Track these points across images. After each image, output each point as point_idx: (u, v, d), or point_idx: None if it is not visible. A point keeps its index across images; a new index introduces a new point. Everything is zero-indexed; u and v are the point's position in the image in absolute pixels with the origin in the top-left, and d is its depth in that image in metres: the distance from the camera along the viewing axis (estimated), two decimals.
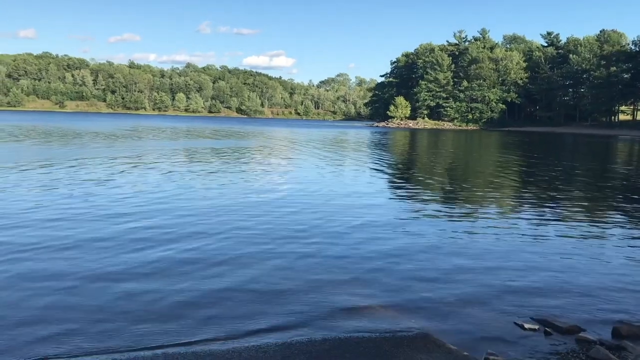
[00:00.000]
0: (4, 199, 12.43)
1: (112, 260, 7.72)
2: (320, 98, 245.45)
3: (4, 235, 8.95)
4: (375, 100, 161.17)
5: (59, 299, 6.17)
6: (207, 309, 6.04)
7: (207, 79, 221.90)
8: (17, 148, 28.51)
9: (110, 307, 5.98)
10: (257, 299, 6.37)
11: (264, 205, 12.60)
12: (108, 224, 9.99)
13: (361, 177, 19.88)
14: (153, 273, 7.23)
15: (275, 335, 5.40)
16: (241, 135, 54.58)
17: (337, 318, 5.88)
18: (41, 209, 11.27)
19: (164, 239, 9.03)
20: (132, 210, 11.44)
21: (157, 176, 17.53)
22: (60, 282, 6.73)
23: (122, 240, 8.81)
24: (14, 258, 7.66)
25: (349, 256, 8.36)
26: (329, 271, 7.57)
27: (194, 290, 6.62)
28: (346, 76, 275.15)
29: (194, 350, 5.03)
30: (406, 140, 57.10)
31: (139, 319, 5.69)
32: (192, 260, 7.87)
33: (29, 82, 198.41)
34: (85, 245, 8.46)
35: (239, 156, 27.36)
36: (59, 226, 9.70)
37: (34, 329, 5.38)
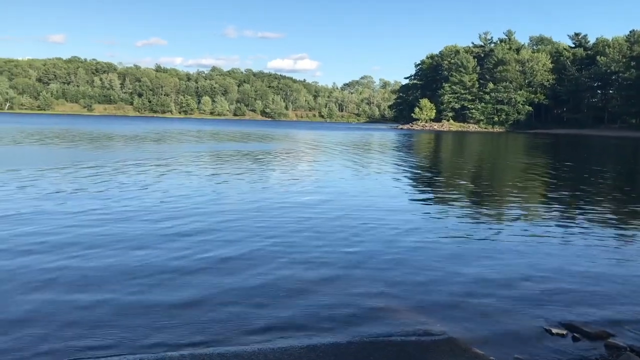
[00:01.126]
0: (45, 199, 12.73)
1: (145, 260, 7.86)
2: (344, 100, 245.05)
3: (64, 236, 9.18)
4: (400, 102, 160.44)
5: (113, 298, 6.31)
6: (232, 308, 6.10)
7: (232, 82, 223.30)
8: (57, 151, 29.09)
9: (141, 306, 6.08)
10: (283, 300, 6.41)
11: (290, 207, 12.63)
12: (145, 225, 10.19)
13: (386, 179, 19.83)
14: (184, 273, 7.34)
15: (300, 338, 5.41)
16: (267, 138, 54.83)
17: (363, 321, 5.88)
18: (101, 210, 11.54)
19: (199, 239, 9.16)
20: (170, 213, 11.60)
21: (194, 180, 17.72)
22: (106, 280, 6.90)
23: (157, 239, 8.99)
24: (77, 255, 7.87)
25: (374, 258, 8.37)
26: (354, 273, 7.58)
27: (218, 290, 6.69)
28: (370, 78, 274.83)
29: (220, 351, 5.07)
30: (431, 143, 56.74)
31: (165, 319, 5.77)
32: (222, 261, 7.95)
33: (59, 86, 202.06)
34: (132, 245, 8.63)
35: (267, 159, 27.48)
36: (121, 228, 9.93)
37: (71, 327, 5.51)
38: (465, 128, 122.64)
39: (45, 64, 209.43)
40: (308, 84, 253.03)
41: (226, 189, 15.48)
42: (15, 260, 7.75)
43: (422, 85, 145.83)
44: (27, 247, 8.41)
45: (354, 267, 7.87)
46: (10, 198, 12.89)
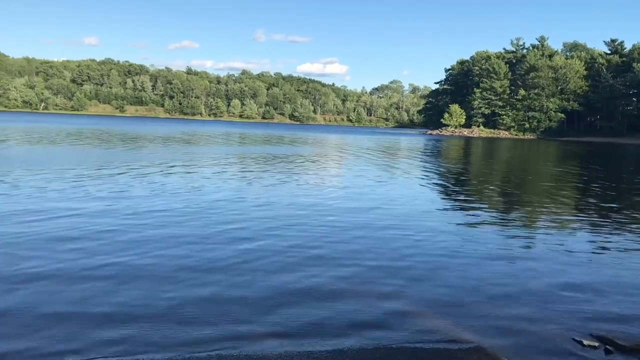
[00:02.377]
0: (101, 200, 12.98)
1: (182, 260, 7.95)
2: (373, 105, 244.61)
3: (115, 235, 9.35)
4: (429, 107, 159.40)
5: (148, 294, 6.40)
6: (261, 309, 6.13)
7: (261, 86, 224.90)
8: (98, 151, 29.66)
9: (174, 306, 6.15)
10: (310, 304, 6.41)
11: (315, 209, 12.65)
12: (187, 225, 10.31)
13: (415, 184, 19.72)
14: (212, 271, 7.42)
15: (327, 341, 5.40)
16: (296, 141, 55.01)
17: (390, 326, 5.84)
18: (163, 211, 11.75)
19: (234, 239, 9.27)
20: (221, 217, 11.68)
21: (237, 183, 17.84)
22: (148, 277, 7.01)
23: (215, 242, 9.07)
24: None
25: (403, 263, 8.32)
26: (382, 278, 7.54)
27: (244, 291, 6.72)
28: (399, 83, 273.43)
29: (247, 352, 5.09)
30: (461, 149, 56.20)
31: (194, 320, 5.81)
32: (251, 263, 7.99)
33: (92, 87, 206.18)
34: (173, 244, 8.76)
35: (300, 163, 27.53)
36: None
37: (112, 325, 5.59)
38: (495, 134, 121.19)
39: (79, 65, 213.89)
40: (337, 88, 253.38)
41: (268, 194, 15.40)
42: (93, 258, 7.97)
43: (452, 90, 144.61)
44: (102, 247, 8.60)
45: (382, 272, 7.82)
46: (72, 198, 13.07)
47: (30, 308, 5.93)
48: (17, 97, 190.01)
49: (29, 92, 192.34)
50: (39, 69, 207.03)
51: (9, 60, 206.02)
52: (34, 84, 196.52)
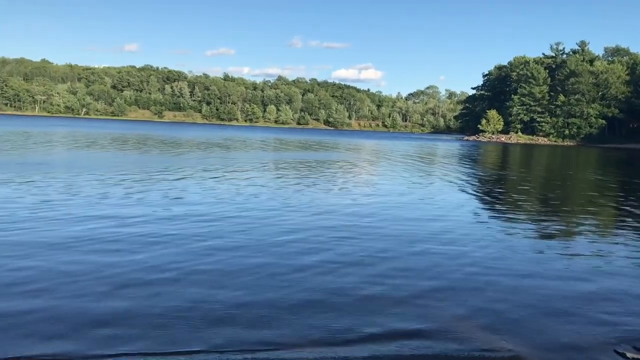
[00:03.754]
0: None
1: (229, 261, 8.07)
2: (409, 111, 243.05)
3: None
4: (466, 113, 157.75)
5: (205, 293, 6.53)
6: (295, 314, 6.16)
7: (296, 92, 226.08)
8: (143, 156, 30.33)
9: (215, 306, 6.25)
10: (346, 309, 6.40)
11: (355, 216, 12.67)
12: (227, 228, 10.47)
13: (450, 191, 19.55)
14: (259, 276, 7.51)
15: (362, 347, 5.38)
16: (332, 147, 55.12)
17: (425, 334, 5.80)
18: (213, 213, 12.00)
19: (294, 246, 9.37)
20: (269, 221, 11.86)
21: (275, 187, 18.09)
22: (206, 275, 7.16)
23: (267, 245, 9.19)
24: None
25: (437, 270, 8.27)
26: (417, 285, 7.50)
27: (283, 295, 6.77)
28: (436, 88, 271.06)
29: (283, 356, 5.12)
30: (499, 155, 55.44)
31: (234, 321, 5.89)
32: (290, 267, 8.06)
33: (132, 93, 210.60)
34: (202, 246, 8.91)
35: (333, 169, 27.63)
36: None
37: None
38: (534, 141, 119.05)
39: (119, 71, 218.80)
40: (372, 94, 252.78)
41: (318, 201, 15.41)
42: (136, 255, 8.24)
43: (490, 96, 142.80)
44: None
45: (417, 280, 7.78)
46: (126, 204, 13.31)
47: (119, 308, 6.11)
48: (60, 102, 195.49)
49: (71, 98, 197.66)
50: (81, 75, 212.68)
51: (52, 67, 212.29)
52: (76, 89, 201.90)
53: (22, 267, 7.51)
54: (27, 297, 6.36)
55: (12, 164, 21.82)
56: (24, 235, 9.32)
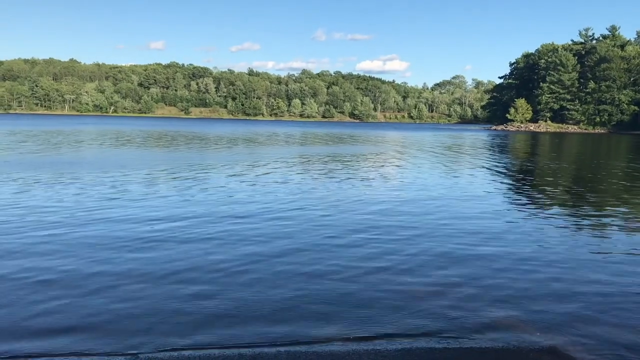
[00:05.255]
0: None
1: (247, 258, 8.08)
2: (435, 101, 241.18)
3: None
4: (493, 102, 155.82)
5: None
6: (328, 307, 6.17)
7: (321, 85, 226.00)
8: (178, 153, 30.73)
9: (244, 301, 6.28)
10: (378, 302, 6.39)
11: (379, 208, 12.62)
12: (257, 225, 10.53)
13: (480, 182, 19.29)
14: (287, 270, 7.53)
15: (395, 340, 5.38)
16: (358, 140, 54.99)
17: (458, 327, 5.75)
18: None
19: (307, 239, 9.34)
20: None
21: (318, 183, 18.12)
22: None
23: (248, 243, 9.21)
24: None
25: (469, 262, 8.17)
26: (449, 277, 7.44)
27: (316, 288, 6.79)
28: (462, 78, 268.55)
29: (315, 349, 5.13)
30: (528, 144, 54.60)
31: (267, 315, 5.92)
32: (323, 262, 8.05)
33: (158, 90, 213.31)
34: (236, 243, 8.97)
35: (361, 162, 27.57)
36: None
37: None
38: (563, 129, 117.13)
39: (146, 69, 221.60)
40: (397, 85, 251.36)
41: (342, 194, 15.40)
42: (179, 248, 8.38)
43: (518, 85, 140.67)
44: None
45: (450, 273, 7.71)
46: (184, 203, 13.45)
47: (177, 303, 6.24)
48: (89, 101, 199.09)
49: (99, 96, 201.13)
50: (108, 73, 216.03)
51: (81, 67, 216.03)
52: (103, 88, 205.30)
53: (103, 271, 7.61)
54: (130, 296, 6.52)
55: (59, 163, 22.39)
56: (96, 237, 9.34)
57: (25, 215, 10.94)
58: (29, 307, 6.03)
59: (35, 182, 16.06)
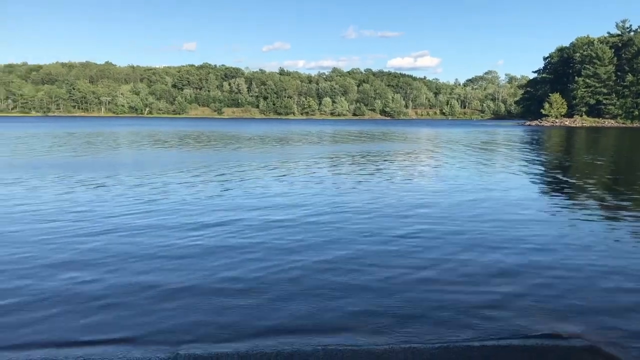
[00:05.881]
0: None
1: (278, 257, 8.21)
2: (467, 97, 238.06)
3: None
4: (527, 97, 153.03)
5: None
6: (365, 305, 6.23)
7: (352, 83, 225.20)
8: (222, 153, 31.30)
9: (287, 305, 6.35)
10: (416, 300, 6.43)
11: (411, 207, 12.61)
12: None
13: (514, 179, 19.00)
14: (324, 269, 7.60)
15: (431, 337, 5.40)
16: (390, 137, 54.70)
17: (496, 323, 5.77)
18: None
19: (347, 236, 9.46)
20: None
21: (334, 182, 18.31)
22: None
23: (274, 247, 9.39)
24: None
25: (507, 258, 8.17)
26: (486, 273, 7.47)
27: (356, 285, 6.89)
28: (495, 73, 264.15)
29: (352, 348, 5.16)
30: (563, 140, 53.60)
31: (304, 315, 6.02)
32: (363, 259, 8.14)
33: (191, 91, 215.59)
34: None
35: (396, 160, 27.51)
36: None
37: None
38: (600, 124, 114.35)
39: (179, 70, 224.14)
40: (428, 81, 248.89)
41: (380, 191, 15.57)
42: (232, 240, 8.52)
43: (552, 79, 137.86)
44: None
45: (487, 269, 7.74)
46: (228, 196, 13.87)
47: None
48: (124, 102, 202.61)
49: (135, 98, 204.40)
50: (143, 75, 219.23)
51: (116, 69, 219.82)
52: (138, 90, 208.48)
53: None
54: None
55: (106, 164, 23.12)
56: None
57: (73, 219, 11.27)
58: (73, 302, 6.29)
59: (80, 183, 16.55)
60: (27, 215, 11.41)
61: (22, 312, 6.00)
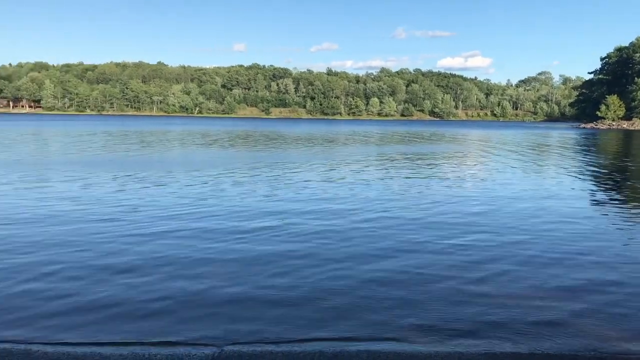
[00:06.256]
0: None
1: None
2: (519, 98, 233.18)
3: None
4: (582, 99, 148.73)
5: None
6: (415, 315, 6.04)
7: (400, 83, 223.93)
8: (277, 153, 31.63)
9: (334, 300, 6.37)
10: (463, 305, 6.29)
11: (459, 210, 12.44)
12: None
13: (571, 185, 18.25)
14: (382, 275, 7.48)
15: (478, 343, 5.27)
16: (440, 139, 54.13)
17: (546, 331, 5.56)
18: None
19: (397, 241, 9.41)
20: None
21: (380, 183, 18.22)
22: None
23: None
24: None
25: (569, 273, 7.80)
26: (546, 288, 7.16)
27: (406, 295, 6.70)
28: (549, 74, 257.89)
29: (395, 349, 5.09)
30: (622, 144, 51.63)
31: (351, 315, 5.95)
32: (413, 264, 8.04)
33: (240, 92, 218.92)
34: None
35: (446, 161, 27.19)
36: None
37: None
38: None
39: (229, 71, 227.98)
40: (479, 82, 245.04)
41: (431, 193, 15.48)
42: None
43: (609, 80, 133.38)
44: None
45: (540, 276, 7.50)
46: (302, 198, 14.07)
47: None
48: (175, 102, 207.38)
49: (185, 98, 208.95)
50: (193, 75, 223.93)
51: (168, 69, 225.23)
52: (189, 90, 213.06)
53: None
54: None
55: (163, 162, 23.77)
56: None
57: (129, 212, 11.66)
58: (123, 303, 6.36)
59: (138, 180, 17.03)
60: (80, 213, 11.61)
61: (74, 313, 6.03)
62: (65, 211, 11.65)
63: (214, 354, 4.95)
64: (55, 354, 4.86)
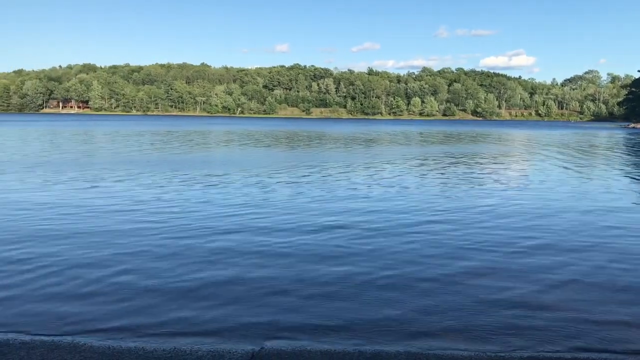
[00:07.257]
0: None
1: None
2: (565, 97, 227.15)
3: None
4: (632, 98, 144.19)
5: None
6: (464, 318, 6.06)
7: (442, 82, 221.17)
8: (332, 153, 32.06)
9: (375, 305, 6.44)
10: (489, 306, 6.35)
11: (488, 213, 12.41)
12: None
13: (612, 186, 17.92)
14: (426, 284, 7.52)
15: (495, 346, 5.31)
16: (484, 139, 53.45)
17: (577, 334, 5.58)
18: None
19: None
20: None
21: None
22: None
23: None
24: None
25: (599, 268, 7.86)
26: (572, 282, 7.24)
27: (454, 299, 6.71)
28: (596, 73, 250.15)
29: (435, 352, 5.10)
30: None
31: (384, 322, 5.98)
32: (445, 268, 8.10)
33: (281, 92, 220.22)
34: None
35: (492, 163, 26.91)
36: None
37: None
38: None
39: (270, 71, 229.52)
40: (524, 81, 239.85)
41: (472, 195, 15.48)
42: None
43: None
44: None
45: (574, 277, 7.51)
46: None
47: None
48: (218, 103, 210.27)
49: (227, 98, 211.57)
50: (235, 76, 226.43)
51: (211, 70, 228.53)
52: (231, 90, 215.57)
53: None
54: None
55: (210, 161, 24.38)
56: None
57: (176, 216, 12.07)
58: (167, 295, 6.65)
59: (184, 182, 17.54)
60: (130, 209, 12.26)
61: (121, 302, 6.39)
62: (113, 211, 12.19)
63: (253, 350, 5.05)
64: (101, 347, 5.07)
